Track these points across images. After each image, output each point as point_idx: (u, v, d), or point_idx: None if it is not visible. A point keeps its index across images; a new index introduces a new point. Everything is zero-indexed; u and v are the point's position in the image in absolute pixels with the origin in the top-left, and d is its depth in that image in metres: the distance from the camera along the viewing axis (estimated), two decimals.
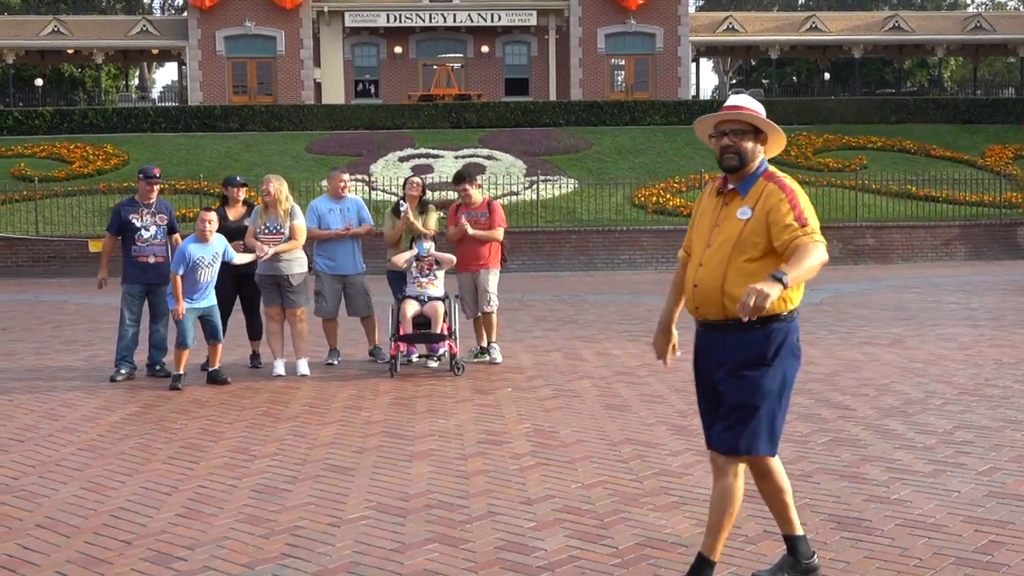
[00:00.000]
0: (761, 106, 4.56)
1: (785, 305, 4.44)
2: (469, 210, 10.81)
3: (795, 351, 4.55)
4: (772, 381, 4.48)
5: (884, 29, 43.50)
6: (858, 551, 5.08)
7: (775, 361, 4.47)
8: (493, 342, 10.91)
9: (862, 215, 26.19)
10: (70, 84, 53.67)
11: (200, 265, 9.60)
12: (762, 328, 4.45)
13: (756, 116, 4.46)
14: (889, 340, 12.20)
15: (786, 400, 4.57)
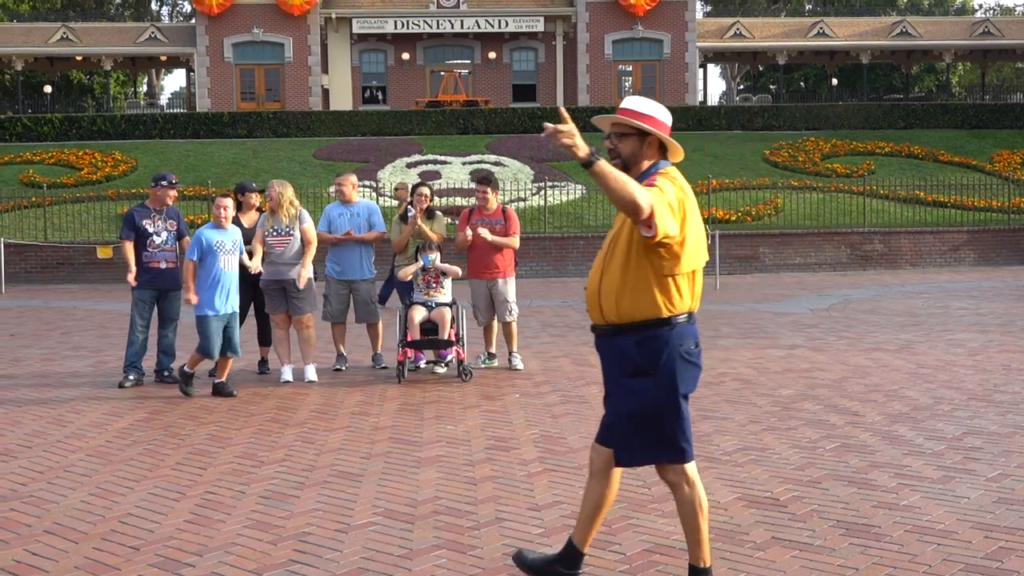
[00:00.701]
0: (656, 108, 4.45)
1: (660, 310, 4.33)
2: (483, 216, 10.75)
3: (686, 357, 4.39)
4: (655, 390, 4.37)
5: (892, 35, 43.46)
6: (867, 557, 5.07)
7: (655, 370, 4.35)
8: (514, 351, 10.88)
9: (870, 221, 26.15)
10: (79, 91, 53.84)
11: (220, 251, 9.42)
12: (634, 334, 4.36)
13: (631, 118, 4.39)
14: (898, 346, 12.18)
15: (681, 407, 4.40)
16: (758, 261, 24.79)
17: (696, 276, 4.43)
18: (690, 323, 4.42)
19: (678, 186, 4.32)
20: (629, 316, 4.37)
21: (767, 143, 32.91)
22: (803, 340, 12.79)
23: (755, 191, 28.09)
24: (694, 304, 4.44)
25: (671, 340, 4.35)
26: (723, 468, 6.76)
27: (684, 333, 4.39)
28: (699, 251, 4.39)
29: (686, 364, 4.39)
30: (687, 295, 4.39)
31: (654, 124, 4.41)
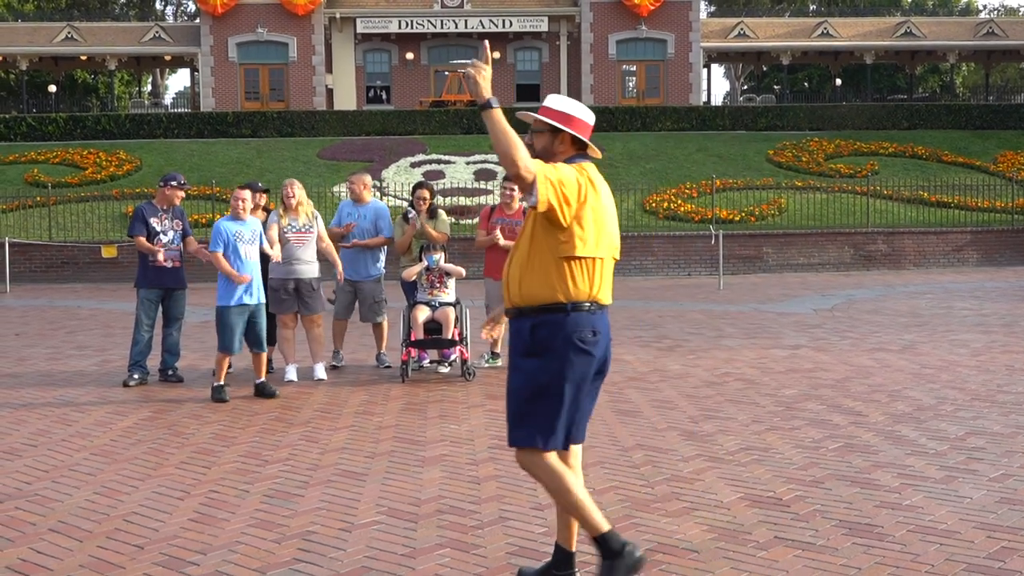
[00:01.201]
0: (575, 107, 4.58)
1: (556, 295, 4.42)
2: (504, 215, 10.70)
3: (579, 345, 4.42)
4: (541, 373, 4.42)
5: (896, 35, 43.43)
6: (869, 557, 5.08)
7: (548, 354, 4.40)
8: None
9: (873, 221, 26.15)
10: (83, 90, 53.92)
11: (239, 241, 9.38)
12: (532, 316, 4.46)
13: (545, 116, 4.55)
14: (901, 346, 12.18)
15: (563, 396, 4.43)
16: (762, 261, 24.79)
17: (598, 266, 4.49)
18: (590, 312, 4.46)
19: (585, 177, 4.45)
20: (529, 299, 4.48)
21: (771, 143, 32.90)
22: (806, 340, 12.79)
23: (759, 191, 28.08)
24: (597, 294, 4.49)
25: (565, 326, 4.41)
26: (726, 468, 6.77)
27: (580, 321, 4.44)
28: (599, 241, 4.47)
29: (578, 351, 4.42)
30: (585, 283, 4.45)
31: (567, 122, 4.54)
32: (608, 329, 4.57)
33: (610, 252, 4.56)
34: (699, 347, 12.37)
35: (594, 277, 4.47)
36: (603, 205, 4.50)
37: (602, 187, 4.55)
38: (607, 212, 4.53)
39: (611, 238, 4.55)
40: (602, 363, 4.56)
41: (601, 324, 4.50)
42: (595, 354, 4.47)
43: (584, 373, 4.46)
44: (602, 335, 4.51)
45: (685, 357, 11.59)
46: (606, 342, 4.55)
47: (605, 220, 4.50)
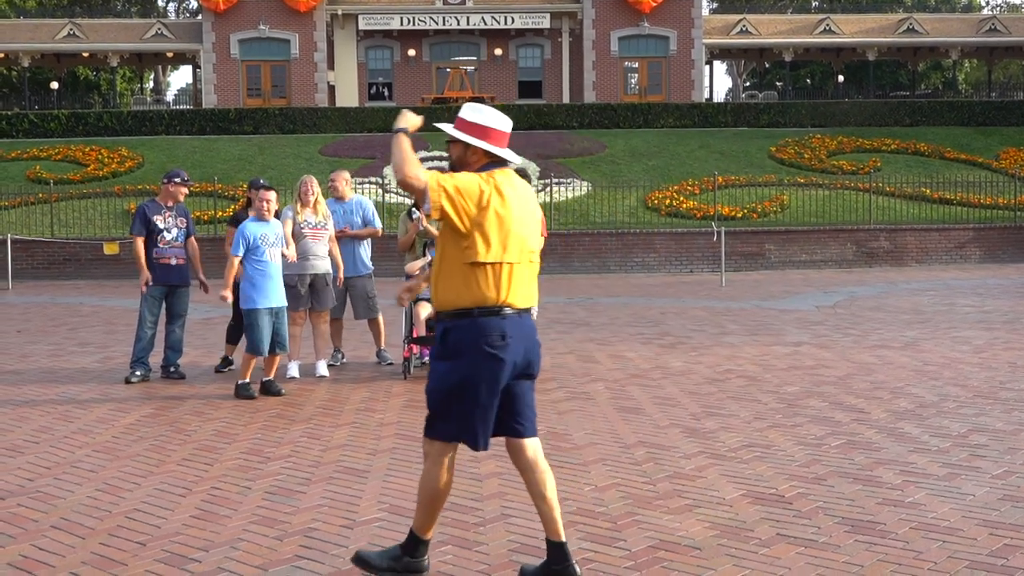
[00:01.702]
0: (486, 116, 4.70)
1: (463, 300, 4.56)
2: None
3: (487, 349, 4.53)
4: (451, 375, 4.58)
5: (898, 32, 43.37)
6: (872, 554, 5.07)
7: (458, 357, 4.56)
8: None
9: (876, 218, 26.13)
10: (85, 87, 53.92)
11: (264, 244, 9.31)
12: (446, 320, 4.64)
13: (455, 128, 4.71)
14: (903, 343, 12.17)
15: (473, 398, 4.57)
16: (764, 258, 24.78)
17: (506, 272, 4.58)
18: (501, 317, 4.56)
19: (491, 185, 4.57)
20: (442, 304, 4.65)
21: (773, 140, 32.88)
22: (809, 337, 12.79)
23: (761, 188, 28.07)
24: (508, 299, 4.58)
25: (473, 330, 4.54)
26: (728, 465, 6.77)
27: (489, 326, 4.55)
28: (506, 247, 4.57)
29: (485, 356, 4.54)
30: (492, 288, 4.55)
31: (483, 134, 4.67)
32: (529, 331, 4.67)
33: (523, 257, 4.65)
34: (701, 344, 12.36)
35: (502, 282, 4.57)
36: (512, 211, 4.59)
37: (513, 194, 4.63)
38: (518, 218, 4.62)
39: (523, 243, 4.64)
40: (524, 366, 4.68)
41: (514, 328, 4.59)
42: (505, 358, 4.56)
43: (493, 376, 4.56)
44: (515, 339, 4.59)
45: (687, 354, 11.59)
46: (525, 345, 4.65)
47: (515, 226, 4.59)
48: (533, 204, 4.79)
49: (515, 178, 4.74)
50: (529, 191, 4.81)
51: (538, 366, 4.79)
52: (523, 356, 4.65)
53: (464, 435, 4.66)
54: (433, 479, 4.75)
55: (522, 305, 4.64)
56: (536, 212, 4.81)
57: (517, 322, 4.61)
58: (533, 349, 4.71)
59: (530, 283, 4.73)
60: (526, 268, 4.67)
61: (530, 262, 4.70)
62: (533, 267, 4.74)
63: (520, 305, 4.63)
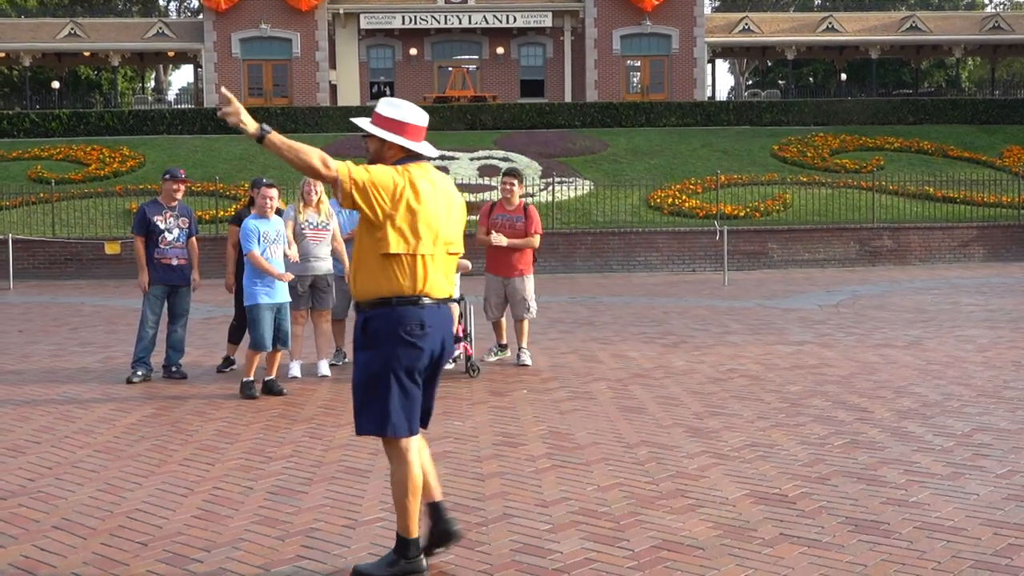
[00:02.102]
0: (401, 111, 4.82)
1: (381, 290, 4.67)
2: (505, 211, 10.71)
3: (405, 337, 4.65)
4: (372, 363, 4.68)
5: (901, 30, 43.33)
6: (876, 554, 5.05)
7: (378, 346, 4.66)
8: (523, 347, 10.86)
9: (879, 216, 26.10)
10: (86, 86, 53.92)
11: (266, 241, 9.34)
12: (365, 311, 4.73)
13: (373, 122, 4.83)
14: (907, 342, 12.15)
15: (394, 385, 4.68)
16: (766, 257, 24.75)
17: (421, 263, 4.70)
18: (419, 307, 4.68)
19: (405, 178, 4.69)
20: (361, 294, 4.76)
21: (776, 138, 32.85)
22: (812, 336, 12.76)
23: (763, 187, 28.03)
24: (425, 289, 4.71)
25: (391, 319, 4.65)
26: (731, 464, 6.75)
27: (407, 315, 4.67)
28: (421, 238, 4.68)
29: (404, 344, 4.65)
30: (408, 279, 4.68)
31: (400, 129, 4.78)
32: (444, 322, 4.80)
33: (440, 248, 4.76)
34: (704, 343, 12.34)
35: (417, 273, 4.69)
36: (427, 204, 4.69)
37: (428, 187, 4.74)
38: (433, 210, 4.72)
39: (439, 235, 4.74)
40: (439, 355, 4.81)
41: (432, 317, 4.72)
42: (423, 346, 4.69)
43: (412, 364, 4.69)
44: (433, 328, 4.72)
45: (690, 353, 11.57)
46: (440, 335, 4.77)
47: (431, 218, 4.70)
48: (452, 197, 4.88)
49: (432, 172, 4.85)
50: (448, 185, 4.90)
51: (449, 356, 4.93)
52: (440, 345, 4.78)
53: (391, 424, 4.72)
54: (402, 477, 4.80)
55: (439, 295, 4.76)
56: (457, 205, 4.91)
57: (435, 312, 4.74)
58: (448, 340, 4.85)
59: (448, 274, 4.84)
60: (443, 259, 4.79)
61: (447, 254, 4.81)
62: (451, 259, 4.86)
63: (437, 295, 4.75)
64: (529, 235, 10.66)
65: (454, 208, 4.88)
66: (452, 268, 4.90)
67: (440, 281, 4.77)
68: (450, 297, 4.87)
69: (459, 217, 4.92)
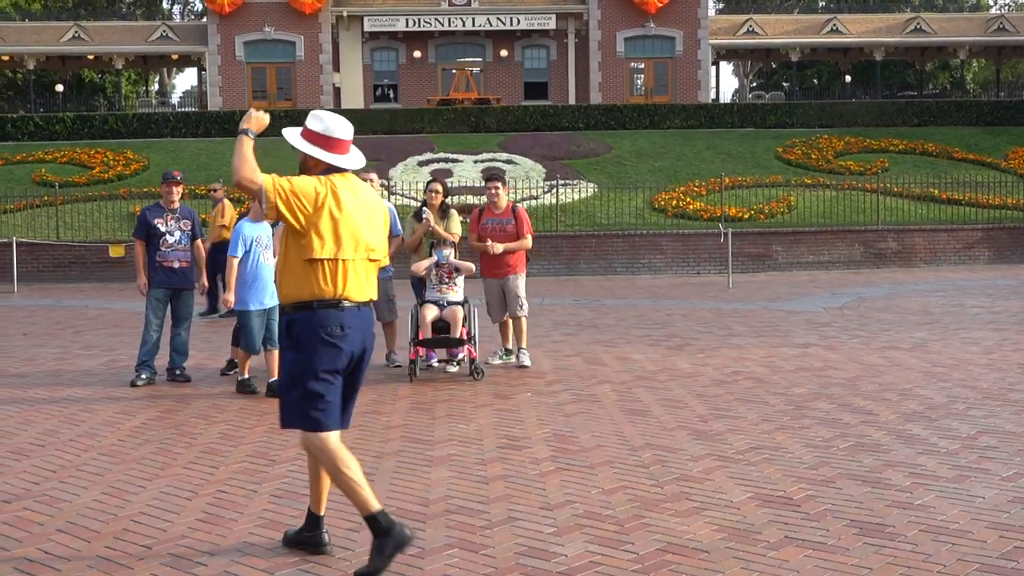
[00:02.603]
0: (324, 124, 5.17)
1: (302, 293, 4.96)
2: (494, 215, 10.75)
3: (326, 338, 4.92)
4: (294, 364, 4.98)
5: (906, 31, 43.28)
6: (881, 557, 5.04)
7: (301, 347, 4.94)
8: (523, 347, 10.87)
9: (883, 218, 26.06)
10: (90, 90, 53.96)
11: (257, 246, 9.43)
12: (289, 313, 5.03)
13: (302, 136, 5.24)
14: (912, 344, 12.13)
15: (316, 383, 4.93)
16: (771, 259, 24.73)
17: (341, 267, 4.99)
18: (339, 309, 4.97)
19: (327, 187, 5.00)
20: (285, 297, 5.06)
21: (780, 140, 32.80)
22: (816, 339, 12.74)
23: (768, 189, 28.00)
24: (345, 293, 4.99)
25: (312, 321, 4.92)
26: (736, 467, 6.74)
27: (328, 317, 4.95)
28: (342, 244, 4.97)
29: (325, 344, 4.93)
30: (329, 283, 4.96)
31: (325, 144, 5.13)
32: (364, 324, 5.09)
33: (361, 254, 5.07)
34: (708, 346, 12.32)
35: (337, 277, 4.97)
36: (348, 212, 5.00)
37: (349, 196, 5.04)
38: (356, 219, 5.02)
39: (359, 241, 5.04)
40: (359, 356, 5.10)
41: (352, 319, 5.01)
42: (343, 347, 4.97)
43: (333, 364, 4.97)
44: (354, 330, 5.01)
45: (694, 356, 11.55)
46: (361, 336, 5.06)
47: (352, 226, 5.00)
48: (374, 207, 5.16)
49: (355, 182, 5.15)
50: (370, 195, 5.18)
51: (370, 357, 5.20)
52: (360, 346, 5.08)
53: (313, 419, 4.96)
54: (334, 467, 5.00)
55: (359, 298, 5.06)
56: (378, 214, 5.19)
57: (356, 314, 5.03)
58: (370, 341, 5.15)
59: (367, 278, 5.13)
60: (363, 264, 5.08)
61: (368, 259, 5.10)
62: (372, 265, 5.15)
63: (357, 298, 5.04)
64: (521, 237, 10.70)
65: (375, 217, 5.16)
66: (373, 273, 5.18)
67: (361, 285, 5.06)
68: (371, 300, 5.15)
69: (380, 225, 5.21)
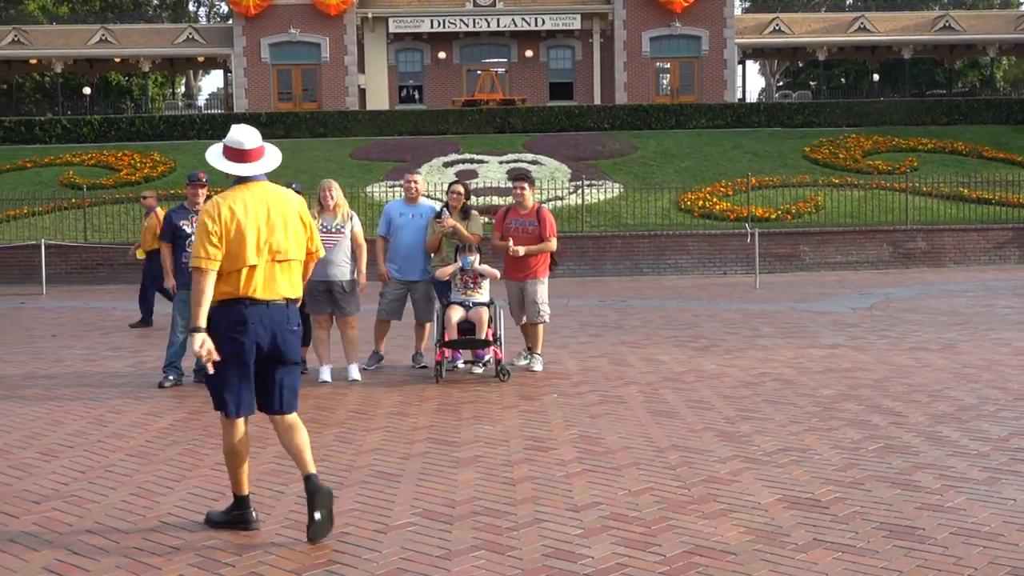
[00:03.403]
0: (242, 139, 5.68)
1: (220, 295, 5.51)
2: (518, 216, 10.71)
3: (226, 332, 5.53)
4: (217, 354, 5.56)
5: (934, 29, 43.01)
6: (911, 560, 4.99)
7: (214, 339, 5.48)
8: (537, 353, 10.82)
9: (912, 218, 25.89)
10: (117, 92, 54.34)
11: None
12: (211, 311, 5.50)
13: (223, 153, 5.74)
14: (941, 345, 12.03)
15: (224, 372, 5.60)
16: (798, 259, 24.61)
17: (247, 272, 5.53)
18: (243, 307, 5.54)
19: (226, 206, 5.54)
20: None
21: (807, 140, 32.66)
22: (844, 339, 12.66)
23: (795, 189, 27.87)
24: (250, 293, 5.54)
25: (220, 317, 5.52)
26: (764, 469, 6.70)
27: (231, 314, 5.54)
28: (244, 253, 5.49)
29: (227, 339, 5.52)
30: (234, 285, 5.52)
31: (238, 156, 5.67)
32: (271, 320, 5.58)
33: (265, 258, 5.56)
34: (735, 347, 12.26)
35: (241, 280, 5.51)
36: (248, 224, 5.50)
37: (252, 206, 5.55)
38: (255, 228, 5.52)
39: (261, 247, 5.54)
40: (272, 349, 5.62)
41: (254, 316, 5.54)
42: (244, 340, 5.53)
43: (237, 355, 5.55)
44: (256, 325, 5.54)
45: (721, 357, 11.50)
46: (269, 329, 5.57)
47: (252, 235, 5.50)
48: (284, 212, 5.64)
49: (265, 189, 5.66)
50: (281, 201, 5.66)
51: (292, 352, 5.69)
52: (268, 340, 5.59)
53: (223, 403, 5.69)
54: (227, 445, 5.77)
55: (266, 297, 5.57)
56: (291, 218, 5.66)
57: (258, 311, 5.55)
58: (281, 335, 5.61)
59: (280, 278, 5.63)
60: (270, 266, 5.58)
61: (276, 262, 5.59)
62: (285, 264, 5.65)
63: (263, 297, 5.56)
64: (544, 239, 10.62)
65: (287, 221, 5.65)
66: (287, 273, 5.67)
67: (267, 285, 5.58)
68: (285, 298, 5.65)
69: (292, 228, 5.67)
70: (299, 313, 5.81)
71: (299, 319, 5.79)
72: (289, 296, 5.67)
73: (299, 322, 5.78)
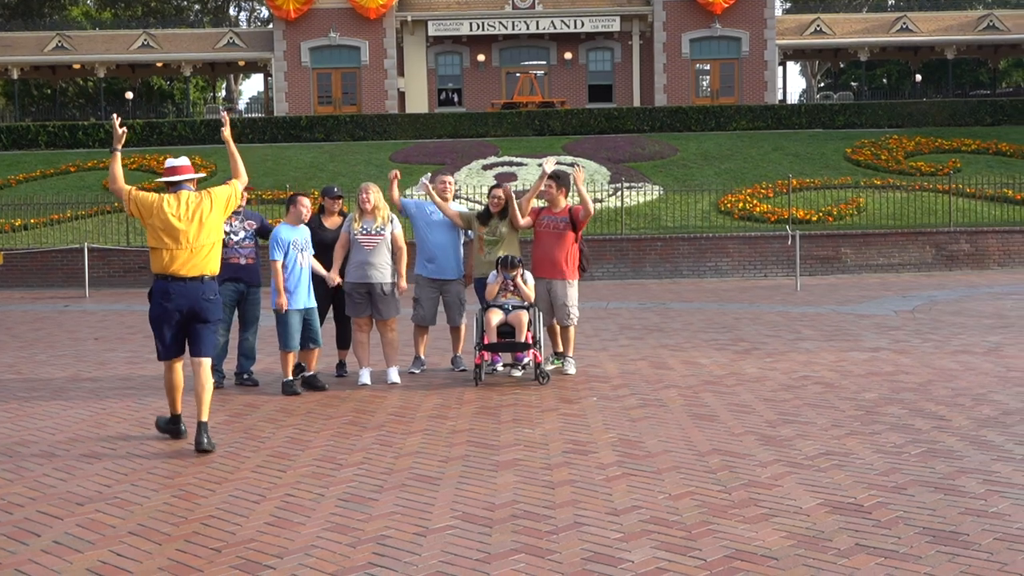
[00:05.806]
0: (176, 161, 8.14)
1: (153, 269, 7.75)
2: (551, 212, 10.82)
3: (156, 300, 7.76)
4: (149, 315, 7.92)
5: (978, 29, 42.55)
6: (955, 566, 4.94)
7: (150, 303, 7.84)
8: (569, 356, 10.80)
9: (956, 220, 25.61)
10: (159, 97, 54.87)
11: (295, 249, 9.80)
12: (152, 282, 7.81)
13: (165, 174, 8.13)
14: (986, 348, 11.90)
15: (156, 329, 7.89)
16: (840, 262, 24.42)
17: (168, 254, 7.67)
18: (166, 281, 7.70)
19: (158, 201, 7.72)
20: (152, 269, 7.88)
21: (849, 141, 32.41)
22: (887, 342, 12.55)
23: (837, 190, 27.67)
24: (171, 270, 7.67)
25: (153, 288, 7.78)
26: (805, 473, 6.65)
27: (158, 286, 7.74)
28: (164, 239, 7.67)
29: (155, 304, 7.75)
30: (159, 263, 7.71)
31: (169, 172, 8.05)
32: (189, 292, 7.66)
33: (183, 246, 7.65)
34: (776, 350, 12.19)
35: (164, 260, 7.67)
36: (169, 218, 7.64)
37: (174, 206, 7.71)
38: (173, 222, 7.64)
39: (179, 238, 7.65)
40: (192, 314, 7.72)
41: (176, 289, 7.66)
42: (168, 306, 7.67)
43: (160, 317, 7.75)
44: (176, 295, 7.66)
45: (762, 360, 11.44)
46: (187, 301, 7.66)
47: (172, 227, 7.65)
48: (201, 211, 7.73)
49: (184, 195, 7.78)
50: (195, 203, 7.74)
51: (209, 313, 7.73)
52: (187, 307, 7.66)
53: (158, 351, 7.92)
54: (168, 381, 8.03)
55: (184, 274, 7.64)
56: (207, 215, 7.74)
57: (178, 286, 7.65)
58: (198, 303, 7.67)
59: (196, 260, 7.67)
60: (185, 251, 7.64)
61: (190, 249, 7.64)
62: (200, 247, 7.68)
63: (182, 274, 7.64)
64: (575, 237, 10.67)
65: (203, 217, 7.71)
66: (203, 255, 7.70)
67: (185, 266, 7.65)
68: (201, 275, 7.69)
69: (206, 223, 7.72)
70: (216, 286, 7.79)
71: (216, 290, 7.80)
72: (206, 273, 7.72)
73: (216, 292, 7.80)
